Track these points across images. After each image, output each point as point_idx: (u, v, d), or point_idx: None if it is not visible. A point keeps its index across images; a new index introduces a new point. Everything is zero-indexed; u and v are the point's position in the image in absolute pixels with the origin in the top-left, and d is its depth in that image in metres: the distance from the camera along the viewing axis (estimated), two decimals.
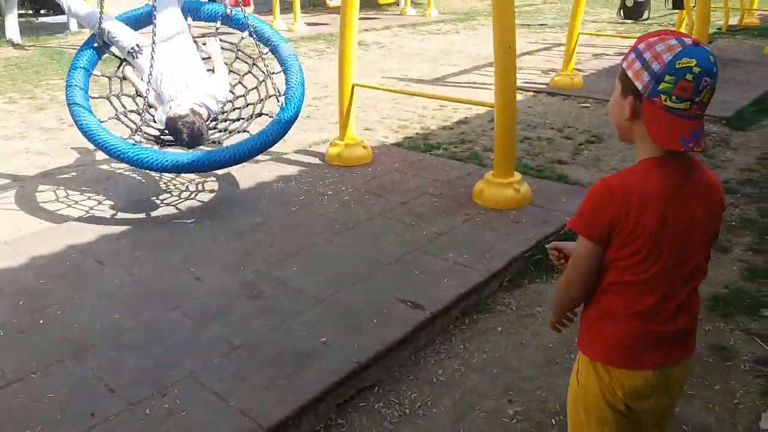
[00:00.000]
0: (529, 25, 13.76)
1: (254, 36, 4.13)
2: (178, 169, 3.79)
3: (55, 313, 2.84)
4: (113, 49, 4.16)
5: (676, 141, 1.25)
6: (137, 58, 3.94)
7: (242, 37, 4.26)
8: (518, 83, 5.79)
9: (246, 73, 4.44)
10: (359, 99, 5.52)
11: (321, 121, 6.37)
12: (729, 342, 2.73)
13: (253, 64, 4.32)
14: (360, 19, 4.70)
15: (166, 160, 3.69)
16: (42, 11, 18.58)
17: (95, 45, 4.07)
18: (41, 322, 2.79)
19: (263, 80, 4.20)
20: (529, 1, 19.80)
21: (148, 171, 4.13)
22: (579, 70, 7.98)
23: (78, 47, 4.21)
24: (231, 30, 4.42)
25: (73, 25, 13.54)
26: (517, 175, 3.94)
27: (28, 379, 2.40)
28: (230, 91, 4.30)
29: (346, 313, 2.83)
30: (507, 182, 3.86)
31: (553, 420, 2.34)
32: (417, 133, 5.86)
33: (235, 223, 3.77)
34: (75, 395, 2.31)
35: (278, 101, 4.01)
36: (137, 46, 3.95)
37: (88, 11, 4.23)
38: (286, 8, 13.97)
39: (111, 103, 4.15)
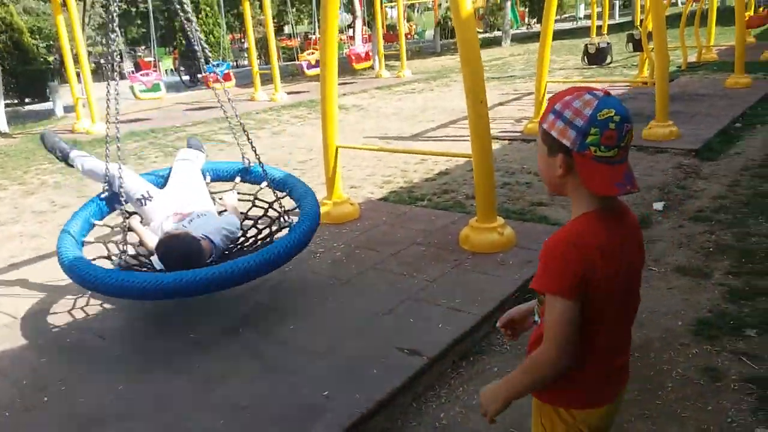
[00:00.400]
0: (499, 77, 14.31)
1: (272, 184, 4.06)
2: (159, 292, 3.15)
3: (59, 390, 2.88)
4: (125, 205, 3.80)
5: (613, 186, 1.33)
6: (145, 205, 3.84)
7: (260, 187, 4.23)
8: (494, 132, 6.05)
9: (262, 216, 4.23)
10: (344, 159, 5.73)
11: (309, 183, 6.50)
12: (717, 363, 2.82)
13: (270, 206, 4.19)
14: (338, 84, 4.94)
15: (149, 281, 3.17)
16: (27, 99, 19.00)
17: (103, 196, 3.96)
18: (45, 399, 2.82)
19: (278, 217, 4.06)
20: (498, 55, 20.66)
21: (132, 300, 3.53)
22: None
23: (64, 131, 4.25)
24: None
25: (59, 110, 13.86)
26: (500, 220, 4.10)
27: None
28: (242, 232, 4.06)
29: (346, 365, 2.90)
30: (491, 227, 4.01)
31: None
32: (401, 187, 6.04)
33: (232, 287, 3.84)
34: None
35: (289, 223, 3.83)
36: (147, 193, 3.88)
37: (99, 164, 4.07)
38: (267, 80, 14.45)
39: (106, 246, 3.89)
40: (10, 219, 6.15)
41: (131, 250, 3.83)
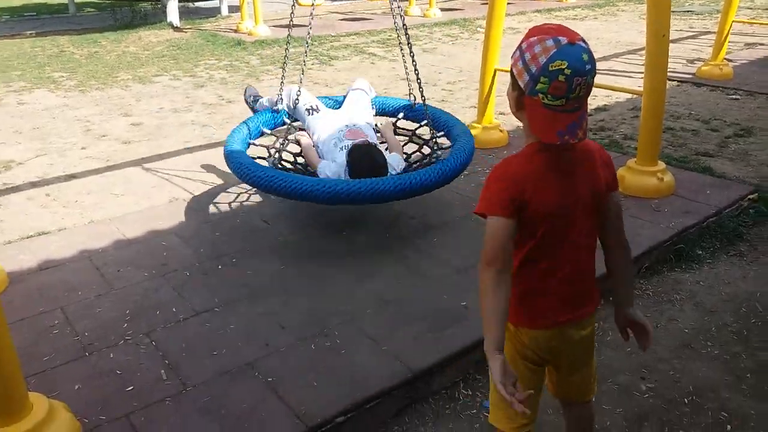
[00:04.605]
0: (674, 11, 12.99)
1: (431, 123, 4.04)
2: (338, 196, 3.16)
3: (231, 261, 3.30)
4: (288, 121, 4.18)
5: (554, 134, 1.38)
6: (311, 115, 4.06)
7: (419, 125, 4.27)
8: None
9: (415, 152, 4.21)
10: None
11: (456, 105, 6.55)
12: None
13: (424, 144, 4.19)
14: None
15: (332, 187, 3.18)
16: None
17: (276, 108, 4.22)
18: (219, 267, 3.25)
19: (431, 153, 3.99)
20: None
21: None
22: (729, 60, 7.51)
23: (229, 30, 4.39)
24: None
25: (225, 9, 14.66)
26: (661, 164, 3.91)
27: (212, 312, 2.84)
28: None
29: None
30: (650, 170, 3.84)
31: (685, 399, 2.40)
32: None
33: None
34: (251, 328, 2.71)
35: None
36: (316, 106, 4.11)
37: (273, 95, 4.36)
38: None
39: (268, 151, 4.07)
40: (183, 107, 6.80)
41: (289, 157, 4.12)
